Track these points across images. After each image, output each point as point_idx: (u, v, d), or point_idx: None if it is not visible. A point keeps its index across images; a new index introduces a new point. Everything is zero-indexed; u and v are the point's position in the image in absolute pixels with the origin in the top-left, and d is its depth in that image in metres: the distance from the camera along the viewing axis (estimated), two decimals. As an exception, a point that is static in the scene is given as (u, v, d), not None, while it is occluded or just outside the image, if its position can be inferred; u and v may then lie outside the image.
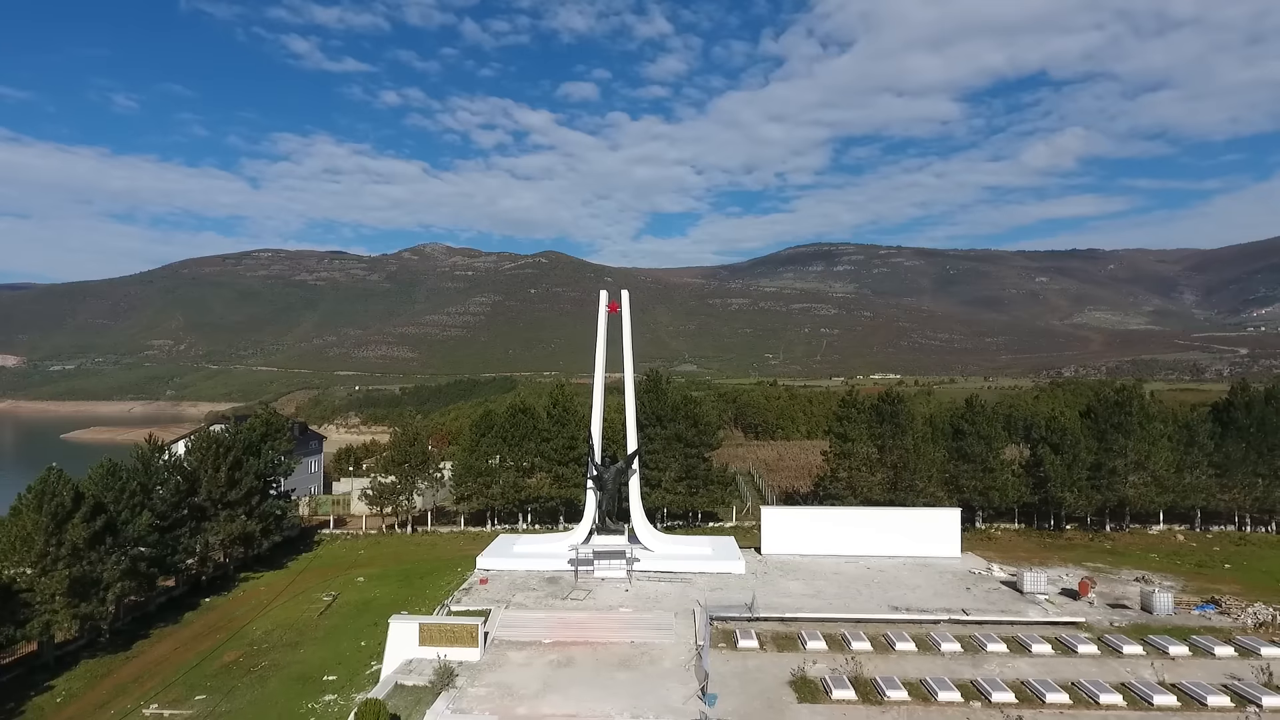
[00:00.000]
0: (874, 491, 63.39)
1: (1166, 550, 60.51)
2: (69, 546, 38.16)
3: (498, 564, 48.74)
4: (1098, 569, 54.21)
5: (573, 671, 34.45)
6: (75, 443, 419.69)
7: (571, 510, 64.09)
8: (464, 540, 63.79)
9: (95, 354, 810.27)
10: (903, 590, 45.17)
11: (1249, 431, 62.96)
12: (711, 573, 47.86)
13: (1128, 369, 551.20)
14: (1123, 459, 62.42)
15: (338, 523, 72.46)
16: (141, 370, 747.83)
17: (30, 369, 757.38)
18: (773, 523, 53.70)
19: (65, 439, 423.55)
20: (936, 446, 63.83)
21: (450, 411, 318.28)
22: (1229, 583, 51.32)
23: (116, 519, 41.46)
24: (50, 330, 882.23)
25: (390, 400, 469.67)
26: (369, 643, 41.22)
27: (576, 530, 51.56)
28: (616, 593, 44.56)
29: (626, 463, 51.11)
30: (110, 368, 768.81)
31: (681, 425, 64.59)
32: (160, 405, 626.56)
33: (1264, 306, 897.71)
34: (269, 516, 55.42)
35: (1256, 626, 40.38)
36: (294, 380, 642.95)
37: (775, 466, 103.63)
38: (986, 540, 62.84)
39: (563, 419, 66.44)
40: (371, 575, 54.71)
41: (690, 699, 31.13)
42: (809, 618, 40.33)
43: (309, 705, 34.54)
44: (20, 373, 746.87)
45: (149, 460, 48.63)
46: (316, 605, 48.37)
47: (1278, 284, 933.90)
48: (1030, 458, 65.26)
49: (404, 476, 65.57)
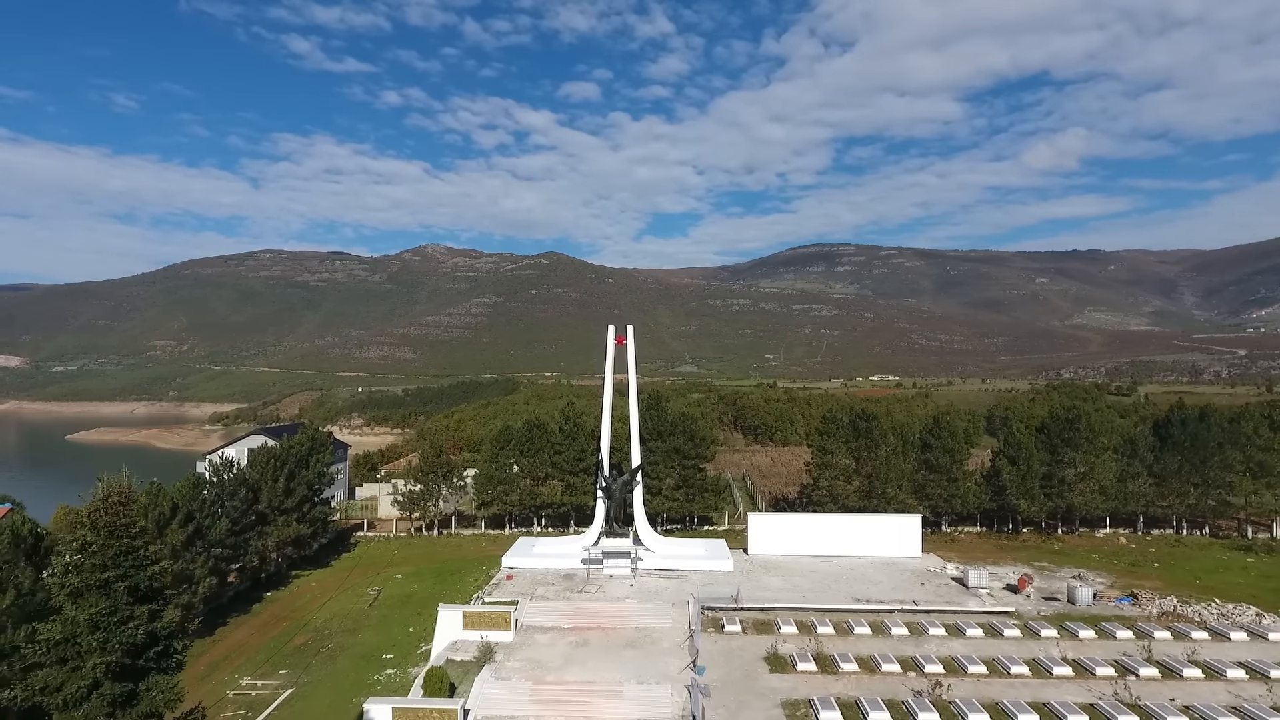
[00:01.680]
0: (851, 498, 71.24)
1: (1108, 551, 68.32)
2: (170, 549, 45.96)
3: (520, 563, 56.54)
4: (1043, 567, 62.07)
5: (588, 650, 42.22)
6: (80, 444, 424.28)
7: (581, 515, 71.92)
8: (485, 542, 71.62)
9: (98, 355, 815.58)
10: (866, 585, 52.98)
11: (1184, 446, 70.69)
12: (704, 570, 55.63)
13: (1126, 370, 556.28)
14: (1072, 469, 70.19)
15: (368, 526, 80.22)
16: (144, 371, 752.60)
17: (33, 370, 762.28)
18: (758, 527, 61.51)
19: (70, 440, 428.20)
20: (906, 459, 71.56)
21: (454, 414, 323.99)
22: (1153, 579, 59.16)
23: (202, 524, 49.26)
24: (53, 331, 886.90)
25: (393, 402, 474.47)
26: (415, 629, 49.09)
27: (588, 533, 59.38)
28: (623, 587, 52.35)
29: (631, 476, 58.95)
30: (113, 368, 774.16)
31: (679, 439, 72.43)
32: (163, 406, 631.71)
33: (1264, 307, 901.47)
34: (317, 521, 63.28)
35: (1159, 615, 48.21)
36: (296, 381, 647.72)
37: (768, 473, 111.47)
38: (950, 542, 70.69)
39: (573, 434, 74.30)
40: (408, 572, 62.54)
41: (684, 670, 38.91)
42: (784, 607, 48.15)
43: (374, 677, 42.40)
44: (24, 373, 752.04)
45: (221, 473, 56.38)
46: (364, 598, 56.21)
47: (1277, 285, 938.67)
48: (990, 468, 73.01)
49: (430, 485, 73.37)
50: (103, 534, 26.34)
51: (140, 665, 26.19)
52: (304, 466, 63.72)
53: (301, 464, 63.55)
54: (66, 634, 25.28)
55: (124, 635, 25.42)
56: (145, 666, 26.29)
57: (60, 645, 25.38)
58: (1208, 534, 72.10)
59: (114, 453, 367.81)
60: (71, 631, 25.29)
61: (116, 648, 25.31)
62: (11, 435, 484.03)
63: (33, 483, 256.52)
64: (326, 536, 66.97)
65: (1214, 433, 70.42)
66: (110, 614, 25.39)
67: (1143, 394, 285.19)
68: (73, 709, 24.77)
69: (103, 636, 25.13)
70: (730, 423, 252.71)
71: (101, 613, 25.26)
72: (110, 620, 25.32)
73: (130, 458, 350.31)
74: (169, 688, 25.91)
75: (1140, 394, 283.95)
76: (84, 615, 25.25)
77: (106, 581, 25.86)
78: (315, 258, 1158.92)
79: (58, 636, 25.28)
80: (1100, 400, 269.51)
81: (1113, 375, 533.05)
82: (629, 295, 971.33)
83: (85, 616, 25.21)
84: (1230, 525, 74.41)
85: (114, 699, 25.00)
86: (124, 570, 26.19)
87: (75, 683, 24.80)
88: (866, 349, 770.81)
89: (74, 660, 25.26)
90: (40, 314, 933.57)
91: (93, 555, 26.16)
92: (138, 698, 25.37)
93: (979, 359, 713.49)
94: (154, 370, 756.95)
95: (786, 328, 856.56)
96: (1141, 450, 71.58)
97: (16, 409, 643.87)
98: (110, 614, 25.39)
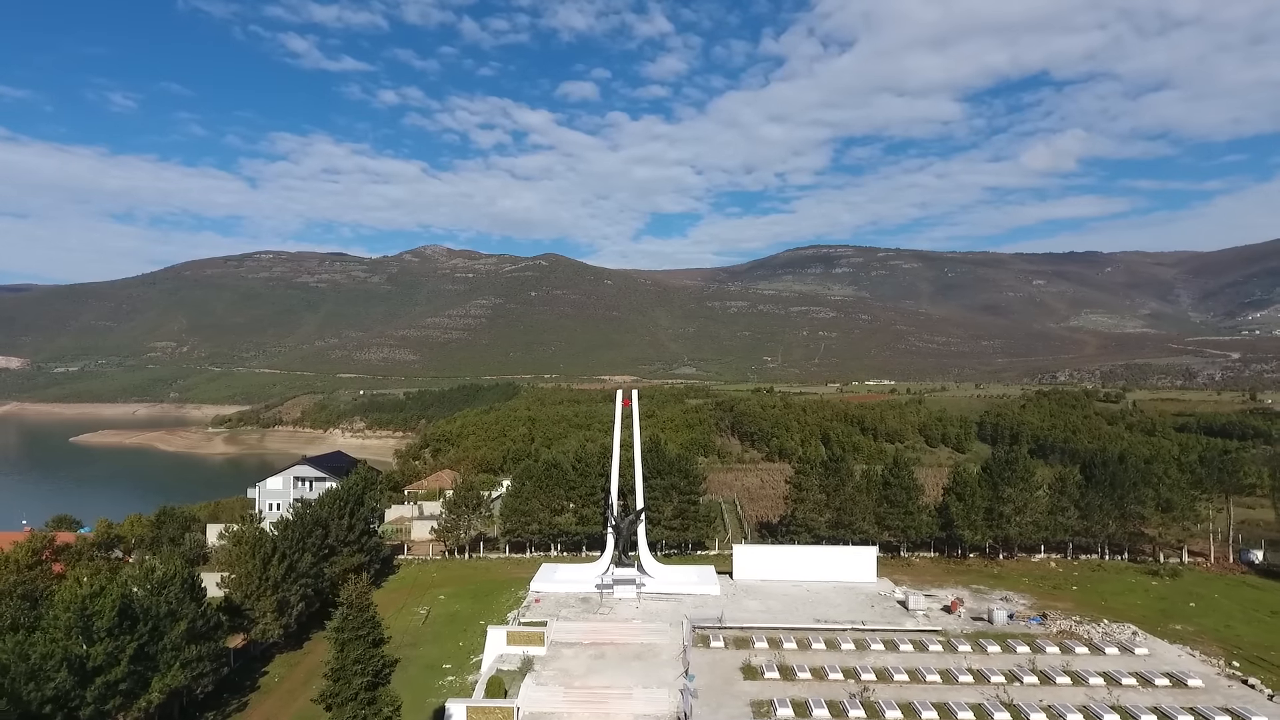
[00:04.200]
0: (822, 528, 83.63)
1: (1038, 575, 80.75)
2: (272, 581, 58.15)
3: (545, 587, 68.83)
4: (978, 589, 74.39)
5: (604, 661, 54.47)
6: (85, 446, 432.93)
7: (593, 541, 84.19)
8: (509, 565, 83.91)
9: (98, 356, 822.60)
10: (826, 607, 65.33)
11: (1105, 485, 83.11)
12: (696, 594, 67.92)
13: (1120, 374, 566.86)
14: (1010, 505, 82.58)
15: (403, 549, 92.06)
16: (145, 372, 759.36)
17: (35, 371, 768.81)
18: (741, 557, 73.96)
19: (75, 442, 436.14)
20: (870, 495, 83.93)
21: (456, 420, 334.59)
22: (1067, 601, 71.52)
23: (293, 560, 61.43)
24: (54, 332, 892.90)
25: (394, 405, 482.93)
26: (464, 643, 61.28)
27: (600, 562, 71.72)
28: (630, 608, 64.64)
29: (636, 516, 71.31)
30: (114, 369, 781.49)
31: (676, 477, 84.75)
32: (164, 407, 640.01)
33: (1259, 310, 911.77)
34: (372, 550, 75.48)
35: (1056, 633, 60.57)
36: (297, 383, 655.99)
37: (757, 495, 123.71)
38: (906, 565, 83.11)
39: (585, 471, 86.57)
40: (449, 593, 74.73)
41: (678, 677, 51.18)
42: (758, 626, 60.46)
43: (439, 683, 54.60)
44: (25, 375, 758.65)
45: (303, 514, 68.47)
46: (417, 617, 68.36)
47: (1273, 287, 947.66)
48: (941, 503, 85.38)
49: (463, 515, 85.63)
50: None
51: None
52: (360, 504, 75.87)
53: (358, 502, 75.71)
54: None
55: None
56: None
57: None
58: (1126, 559, 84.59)
59: (119, 455, 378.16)
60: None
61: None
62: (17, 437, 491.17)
63: (48, 487, 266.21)
64: (379, 564, 79.12)
65: (1130, 474, 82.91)
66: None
67: (1130, 401, 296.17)
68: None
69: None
70: (727, 429, 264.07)
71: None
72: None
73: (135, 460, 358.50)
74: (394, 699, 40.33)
75: (1128, 401, 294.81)
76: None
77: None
78: (315, 259, 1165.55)
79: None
80: (1089, 408, 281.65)
81: (1107, 378, 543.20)
82: (628, 297, 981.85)
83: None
84: (1147, 551, 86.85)
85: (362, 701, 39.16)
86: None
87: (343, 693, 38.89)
88: (864, 351, 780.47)
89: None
90: (41, 315, 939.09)
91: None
92: (376, 702, 39.21)
93: (975, 361, 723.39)
94: (154, 372, 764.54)
95: (784, 330, 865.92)
96: (1070, 488, 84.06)
97: (19, 410, 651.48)
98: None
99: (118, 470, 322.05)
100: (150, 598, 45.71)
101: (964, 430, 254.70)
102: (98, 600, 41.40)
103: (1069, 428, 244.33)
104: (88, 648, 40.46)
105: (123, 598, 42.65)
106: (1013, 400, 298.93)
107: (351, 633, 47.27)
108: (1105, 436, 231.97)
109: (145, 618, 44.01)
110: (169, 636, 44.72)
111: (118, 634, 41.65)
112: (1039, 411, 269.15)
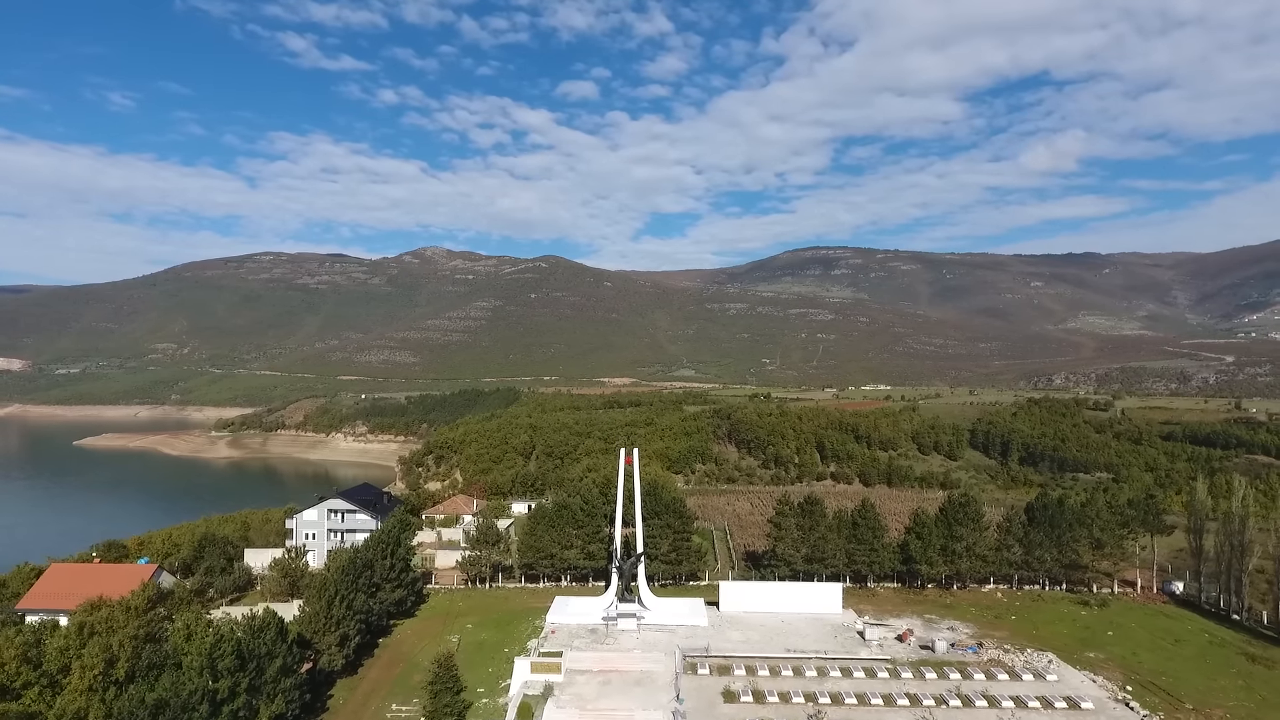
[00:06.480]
0: (799, 562, 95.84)
1: (985, 604, 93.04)
2: (335, 619, 70.27)
3: (559, 619, 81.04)
4: (930, 619, 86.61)
5: (611, 687, 66.64)
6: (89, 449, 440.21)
7: (598, 574, 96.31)
8: (525, 595, 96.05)
9: (99, 357, 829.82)
10: (797, 638, 77.59)
11: (1045, 525, 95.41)
12: (686, 625, 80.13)
13: (1116, 377, 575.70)
14: (961, 543, 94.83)
15: (428, 577, 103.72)
16: (146, 374, 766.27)
17: (36, 373, 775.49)
18: (727, 592, 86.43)
19: (78, 445, 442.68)
20: (840, 534, 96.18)
21: (458, 426, 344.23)
22: (1004, 630, 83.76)
23: (350, 599, 73.54)
24: (54, 333, 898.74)
25: (396, 409, 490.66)
26: (494, 669, 73.39)
27: (605, 596, 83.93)
28: (631, 639, 76.82)
29: (637, 559, 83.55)
30: (115, 371, 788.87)
31: (671, 518, 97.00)
32: (165, 409, 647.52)
33: (1255, 312, 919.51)
34: (408, 585, 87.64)
35: (985, 661, 72.82)
36: (297, 385, 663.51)
37: (745, 522, 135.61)
38: (871, 595, 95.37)
39: (591, 512, 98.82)
40: (475, 622, 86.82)
41: (671, 700, 63.36)
42: (739, 655, 72.68)
43: (477, 705, 66.75)
44: (26, 376, 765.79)
45: (354, 558, 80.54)
46: (450, 644, 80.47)
47: (1269, 289, 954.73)
48: (901, 541, 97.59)
49: (484, 550, 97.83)
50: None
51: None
52: (398, 544, 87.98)
53: (397, 543, 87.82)
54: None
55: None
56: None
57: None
58: (1065, 589, 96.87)
59: (124, 459, 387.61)
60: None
61: None
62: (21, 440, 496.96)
63: (59, 491, 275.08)
64: (414, 596, 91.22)
65: (1067, 516, 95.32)
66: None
67: (1119, 409, 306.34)
68: None
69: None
70: (725, 436, 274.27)
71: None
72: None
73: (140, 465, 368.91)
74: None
75: (1117, 409, 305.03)
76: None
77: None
78: (315, 260, 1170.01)
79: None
80: (1078, 416, 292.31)
81: (1102, 382, 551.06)
82: (627, 299, 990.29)
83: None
84: (1084, 582, 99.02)
85: None
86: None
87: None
88: (862, 353, 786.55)
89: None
90: (41, 316, 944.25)
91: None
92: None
93: (972, 364, 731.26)
94: (155, 373, 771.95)
95: (783, 331, 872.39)
96: (1015, 527, 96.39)
97: (20, 412, 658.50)
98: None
99: (124, 475, 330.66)
100: (253, 640, 57.78)
101: (956, 438, 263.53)
102: (221, 645, 53.48)
103: (1058, 436, 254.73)
104: (213, 684, 52.57)
105: (237, 641, 54.72)
106: (1005, 408, 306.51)
107: (441, 684, 61.78)
108: (1093, 445, 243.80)
109: (251, 657, 56.14)
110: (268, 672, 56.83)
111: (234, 671, 53.77)
112: (1029, 419, 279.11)
